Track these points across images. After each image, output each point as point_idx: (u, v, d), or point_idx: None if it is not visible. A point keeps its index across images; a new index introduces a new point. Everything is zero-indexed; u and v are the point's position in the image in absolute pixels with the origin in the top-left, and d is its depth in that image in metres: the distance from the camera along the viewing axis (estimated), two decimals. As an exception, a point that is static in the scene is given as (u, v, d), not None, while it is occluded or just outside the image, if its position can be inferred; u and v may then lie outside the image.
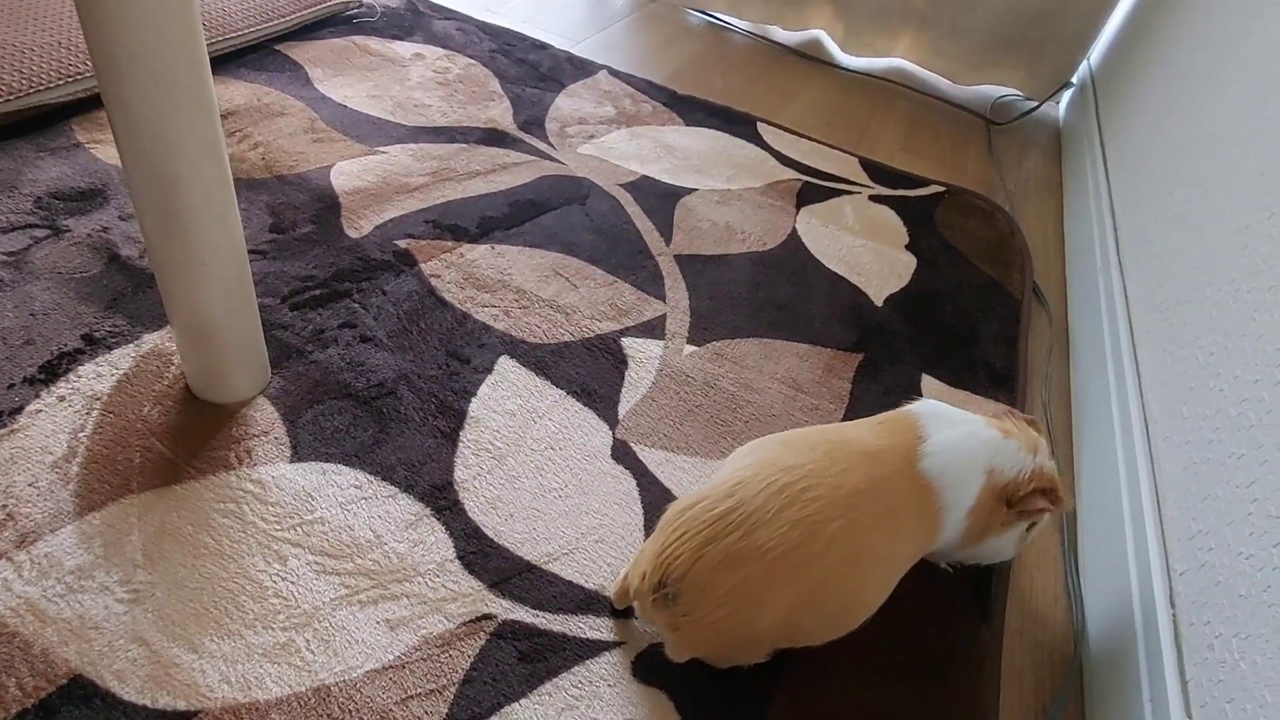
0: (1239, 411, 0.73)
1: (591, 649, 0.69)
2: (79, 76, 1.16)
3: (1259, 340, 0.74)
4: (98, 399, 0.78)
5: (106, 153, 1.10)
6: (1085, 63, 1.88)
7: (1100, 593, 0.82)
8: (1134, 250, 1.17)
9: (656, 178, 1.34)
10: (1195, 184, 1.05)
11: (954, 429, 0.72)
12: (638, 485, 0.83)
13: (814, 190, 1.42)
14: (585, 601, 0.72)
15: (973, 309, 1.22)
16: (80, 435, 0.75)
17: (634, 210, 1.25)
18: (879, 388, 1.03)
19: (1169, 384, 0.89)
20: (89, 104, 1.18)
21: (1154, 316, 1.01)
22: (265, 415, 0.81)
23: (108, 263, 0.93)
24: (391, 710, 0.61)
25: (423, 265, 1.03)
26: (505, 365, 0.92)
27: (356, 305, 0.95)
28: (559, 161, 1.32)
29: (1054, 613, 0.83)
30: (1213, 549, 0.68)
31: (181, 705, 0.59)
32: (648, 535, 0.78)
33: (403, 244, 1.06)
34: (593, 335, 0.99)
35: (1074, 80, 1.87)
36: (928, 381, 1.06)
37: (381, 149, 1.24)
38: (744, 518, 0.61)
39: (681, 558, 0.61)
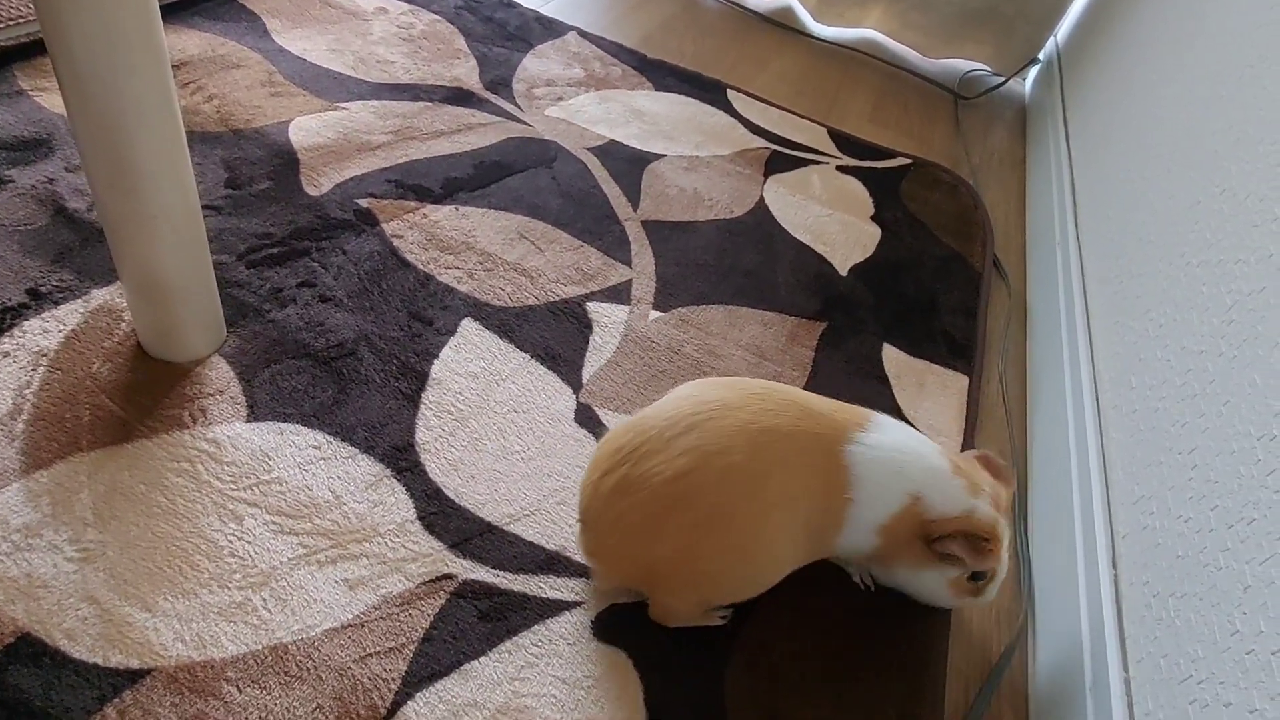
0: (1184, 381, 0.75)
1: (552, 608, 0.69)
2: (21, 20, 1.11)
3: (1205, 313, 0.77)
4: (44, 355, 0.76)
5: (52, 101, 1.06)
6: (1052, 40, 1.90)
7: (1048, 554, 0.84)
8: (1092, 225, 1.19)
9: (625, 142, 1.33)
10: (1152, 161, 1.07)
11: (901, 439, 0.69)
12: (600, 449, 0.83)
13: (782, 159, 1.42)
14: (546, 562, 0.72)
15: (934, 280, 1.24)
16: (26, 392, 0.73)
17: (601, 175, 1.24)
18: (841, 356, 1.04)
19: (1120, 355, 0.91)
20: (33, 49, 1.13)
21: (1108, 290, 1.03)
22: (220, 374, 0.79)
23: (54, 215, 0.90)
24: (350, 668, 0.61)
25: (385, 225, 1.01)
26: (469, 328, 0.91)
27: (316, 264, 0.93)
28: (526, 123, 1.30)
29: (1003, 575, 0.86)
30: (1154, 513, 0.71)
31: (134, 663, 0.58)
32: (609, 498, 0.79)
33: (364, 203, 1.04)
34: (558, 299, 0.99)
35: (1040, 57, 1.89)
36: (888, 350, 1.08)
37: (342, 105, 1.21)
38: (636, 447, 0.64)
39: (586, 490, 0.66)
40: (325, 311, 0.88)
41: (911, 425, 0.96)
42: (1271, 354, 0.64)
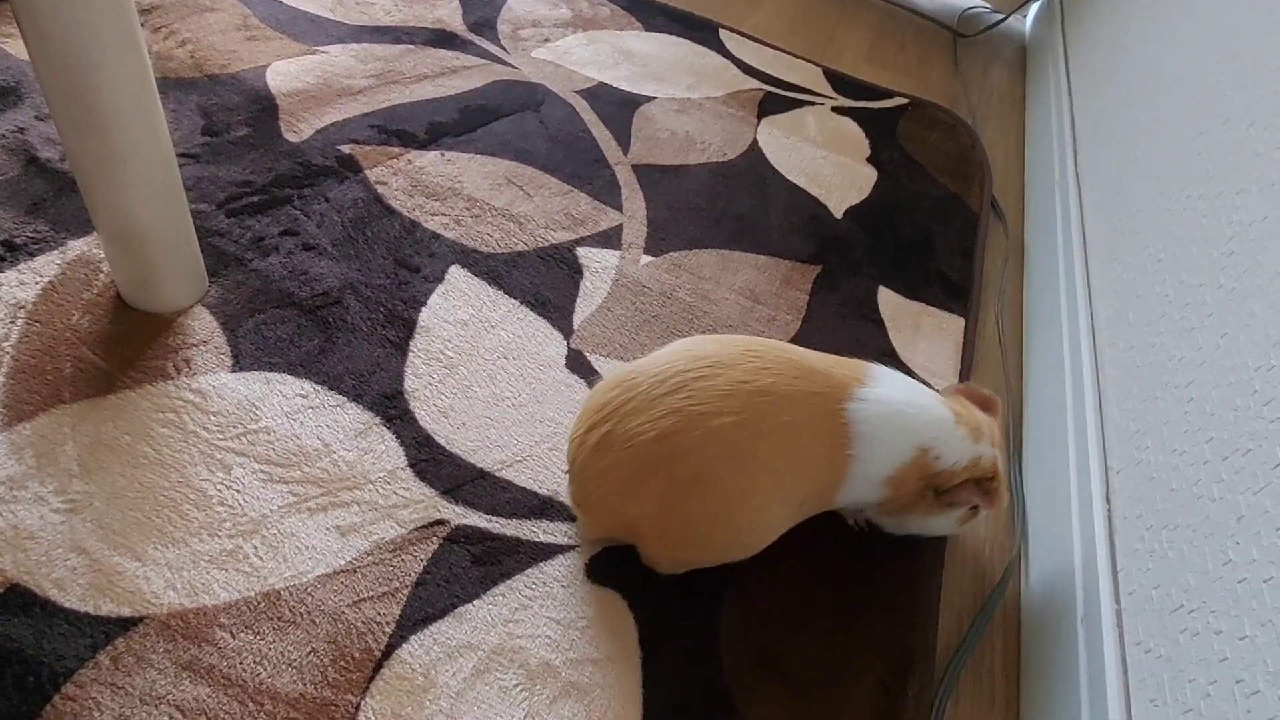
0: (1182, 315, 0.74)
1: (545, 552, 0.69)
2: (-18, -38, 1.07)
3: (1205, 245, 0.75)
4: (22, 308, 0.74)
5: (19, 48, 1.02)
6: (1053, -27, 1.84)
7: (1041, 490, 0.84)
8: (1092, 163, 1.17)
9: (614, 85, 1.29)
10: (1154, 95, 1.04)
11: (903, 391, 0.68)
12: (592, 394, 0.82)
13: (776, 100, 1.39)
14: (539, 507, 0.72)
15: (931, 222, 1.22)
16: (5, 345, 0.71)
17: (590, 118, 1.20)
18: (836, 299, 1.03)
19: (1118, 291, 0.90)
20: (-4, -6, 1.08)
21: (1107, 227, 1.01)
22: (204, 324, 0.78)
23: (26, 165, 0.87)
24: (344, 612, 0.61)
25: (368, 171, 0.99)
26: (456, 274, 0.90)
27: (298, 212, 0.91)
28: (512, 66, 1.26)
29: (997, 511, 0.86)
30: (1149, 447, 0.71)
31: (126, 611, 0.58)
32: (602, 443, 0.78)
33: (346, 149, 1.01)
34: (547, 245, 0.97)
35: (1041, -9, 1.84)
36: (884, 293, 1.06)
37: (321, 48, 1.17)
38: (623, 404, 0.62)
39: (573, 443, 0.65)
40: (309, 260, 0.86)
41: (909, 371, 0.96)
42: (1271, 284, 0.63)
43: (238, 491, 0.66)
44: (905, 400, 0.67)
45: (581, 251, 0.98)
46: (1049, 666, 0.69)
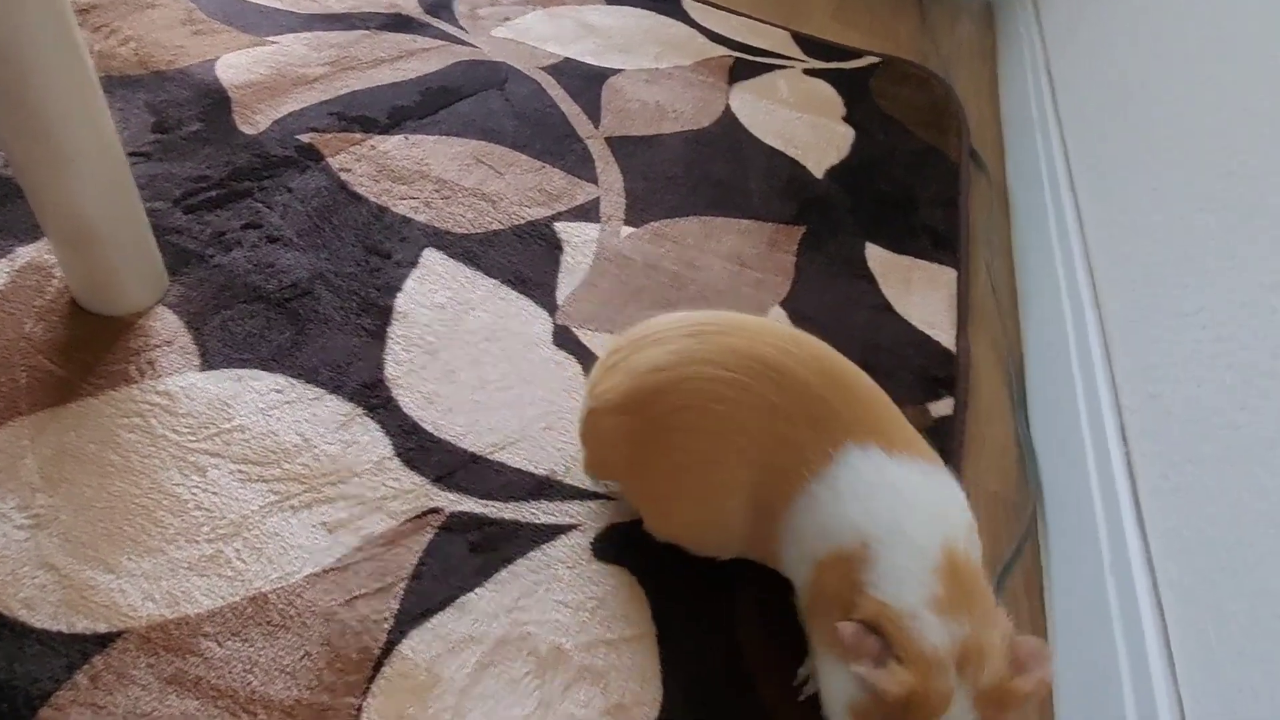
0: (1183, 242, 0.72)
1: (547, 533, 0.66)
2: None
3: (1201, 168, 0.73)
4: (-31, 319, 0.70)
5: (-50, 53, 0.96)
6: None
7: (1051, 439, 0.82)
8: (1071, 103, 1.14)
9: (579, 59, 1.25)
10: (1135, 26, 1.02)
11: (915, 484, 0.53)
12: (583, 370, 0.79)
13: (746, 66, 1.35)
14: (537, 488, 0.69)
15: (912, 176, 1.19)
16: (-47, 359, 0.67)
17: (558, 93, 1.17)
18: (823, 258, 1.00)
19: (1111, 227, 0.88)
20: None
21: (1093, 165, 0.99)
22: (167, 325, 0.73)
23: (-35, 173, 0.82)
24: (337, 612, 0.58)
25: (330, 159, 0.95)
26: (430, 257, 0.86)
27: (259, 204, 0.87)
28: (472, 45, 1.22)
29: (1005, 464, 0.83)
30: (1162, 381, 0.68)
31: (103, 627, 0.54)
32: (596, 419, 0.75)
33: (305, 138, 0.97)
34: (523, 222, 0.93)
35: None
36: (871, 249, 1.04)
37: (271, 39, 1.12)
38: (646, 336, 0.61)
39: (595, 368, 0.64)
40: (274, 252, 0.82)
41: (907, 325, 0.93)
42: (1278, 197, 0.60)
43: (214, 494, 0.62)
44: (899, 488, 0.53)
45: (560, 226, 0.94)
46: (1079, 622, 0.66)
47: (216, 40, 1.10)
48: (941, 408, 0.85)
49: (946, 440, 0.81)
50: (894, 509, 0.51)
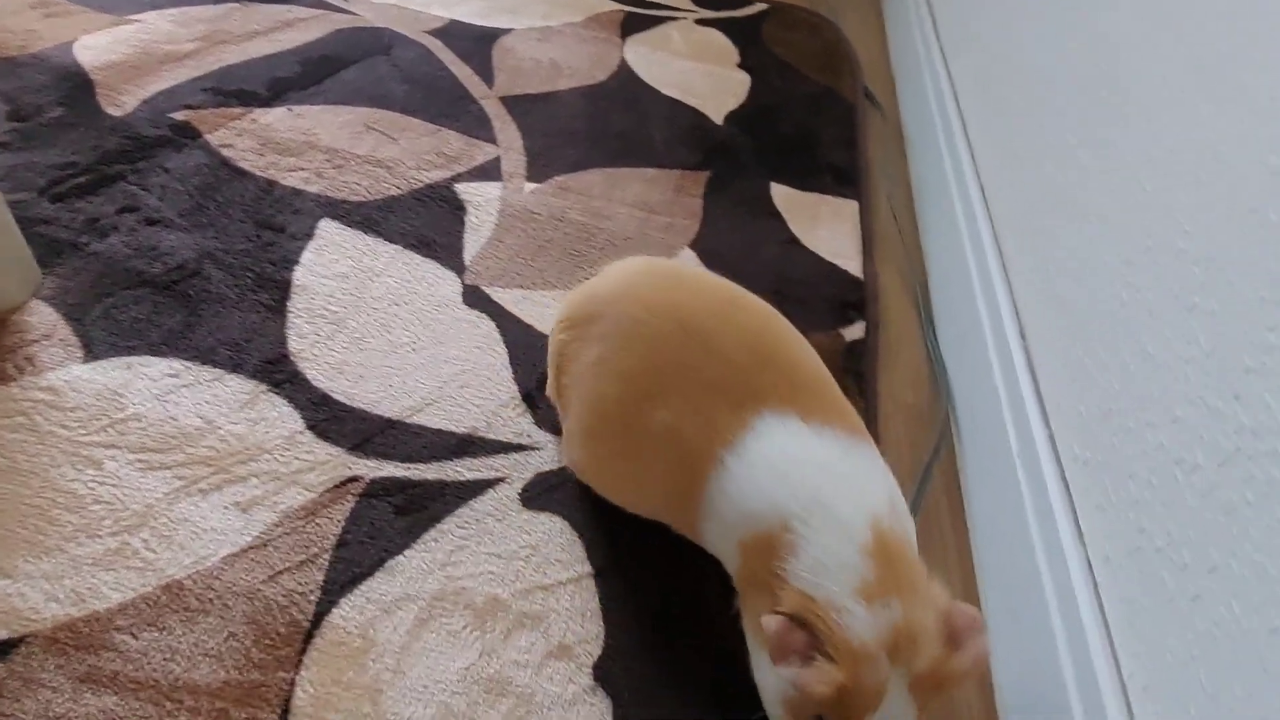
0: (1063, 141, 0.75)
1: (472, 489, 0.65)
2: None
3: (1074, 67, 0.76)
4: None
5: None
6: None
7: (958, 349, 0.85)
8: (954, 39, 1.18)
9: (466, 21, 1.22)
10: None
11: (834, 459, 0.50)
12: (497, 326, 0.78)
13: (638, 20, 1.34)
14: (458, 446, 0.67)
15: (810, 117, 1.21)
16: None
17: (447, 56, 1.13)
18: (729, 200, 1.01)
19: (998, 142, 0.91)
20: None
21: (977, 91, 1.03)
22: (43, 318, 0.69)
23: None
24: (259, 589, 0.56)
25: (208, 136, 0.90)
26: (327, 228, 0.83)
27: (134, 187, 0.82)
28: (351, 13, 1.17)
29: (918, 378, 0.86)
30: (1054, 276, 0.71)
31: (2, 634, 0.51)
32: (514, 374, 0.74)
33: (179, 116, 0.91)
34: (422, 185, 0.91)
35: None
36: (777, 189, 1.05)
37: (133, 17, 1.05)
38: (625, 275, 0.61)
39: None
40: (155, 234, 0.78)
41: (814, 256, 0.94)
42: (1146, 85, 0.63)
43: (113, 486, 0.59)
44: (819, 462, 0.50)
45: (460, 188, 0.92)
46: (995, 507, 0.69)
47: (72, 22, 1.02)
48: (854, 331, 0.87)
49: (861, 361, 0.84)
50: (815, 485, 0.48)
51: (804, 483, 0.48)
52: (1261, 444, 0.43)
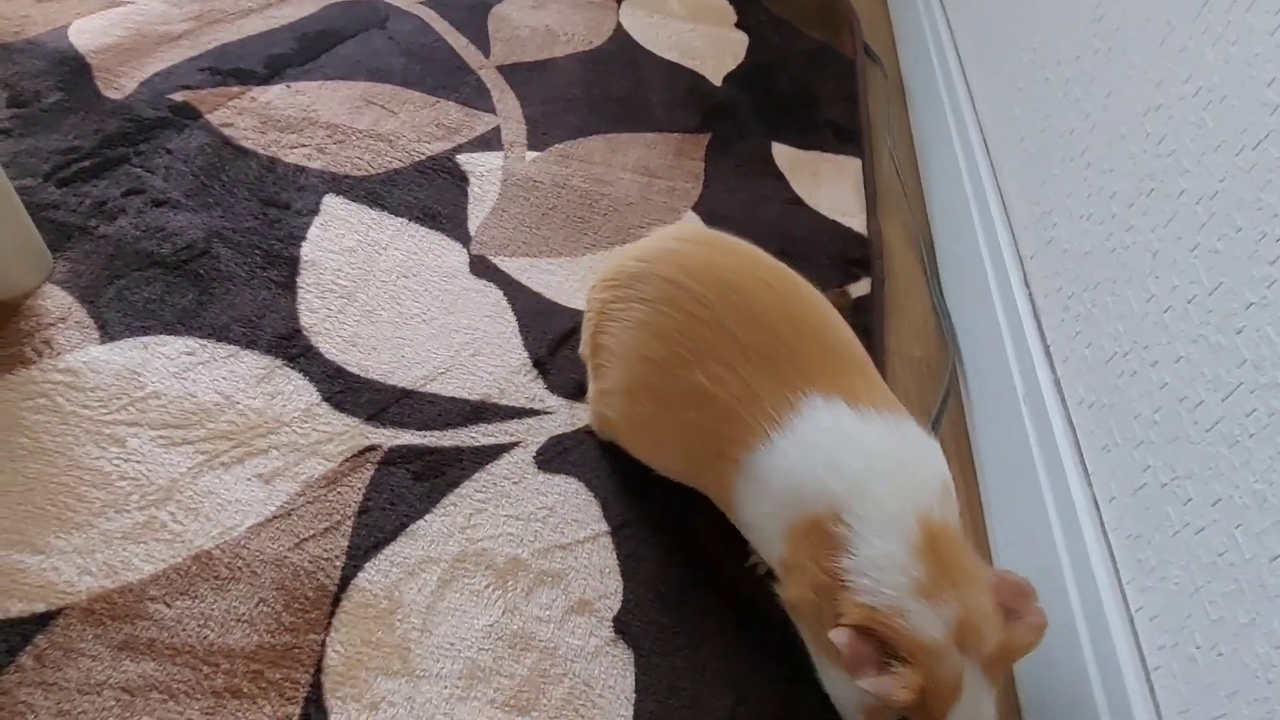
0: (1065, 92, 0.75)
1: (488, 454, 0.66)
2: None
3: (1071, 20, 0.75)
4: None
5: None
6: None
7: (964, 299, 0.85)
8: (952, -17, 1.16)
9: (459, -10, 1.21)
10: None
11: (880, 442, 0.50)
12: (505, 295, 0.78)
13: (632, -18, 1.33)
14: (472, 413, 0.68)
15: (809, 74, 1.20)
16: None
17: (442, 27, 1.13)
18: (731, 161, 1.01)
19: (999, 94, 0.91)
20: None
21: (979, 44, 1.02)
22: (58, 302, 0.70)
23: None
24: (286, 556, 0.57)
25: (209, 116, 0.90)
26: (332, 204, 0.83)
27: (139, 170, 0.82)
28: (344, -14, 1.16)
29: (925, 330, 0.87)
30: (1056, 224, 0.72)
31: (40, 608, 0.52)
32: (524, 341, 0.75)
33: (178, 97, 0.91)
34: (424, 158, 0.91)
35: None
36: (778, 148, 1.04)
37: (125, -1, 1.05)
38: (678, 236, 0.62)
39: None
40: (163, 215, 0.78)
41: (817, 215, 0.94)
42: (1146, 29, 0.63)
43: (138, 462, 0.60)
44: (868, 450, 0.49)
45: (462, 159, 0.92)
46: (1002, 454, 0.70)
47: (64, 6, 1.02)
48: (860, 288, 0.87)
49: (868, 317, 0.84)
50: (864, 477, 0.48)
51: (854, 473, 0.48)
52: (1263, 376, 0.43)
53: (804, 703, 0.56)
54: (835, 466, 0.48)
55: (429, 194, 0.87)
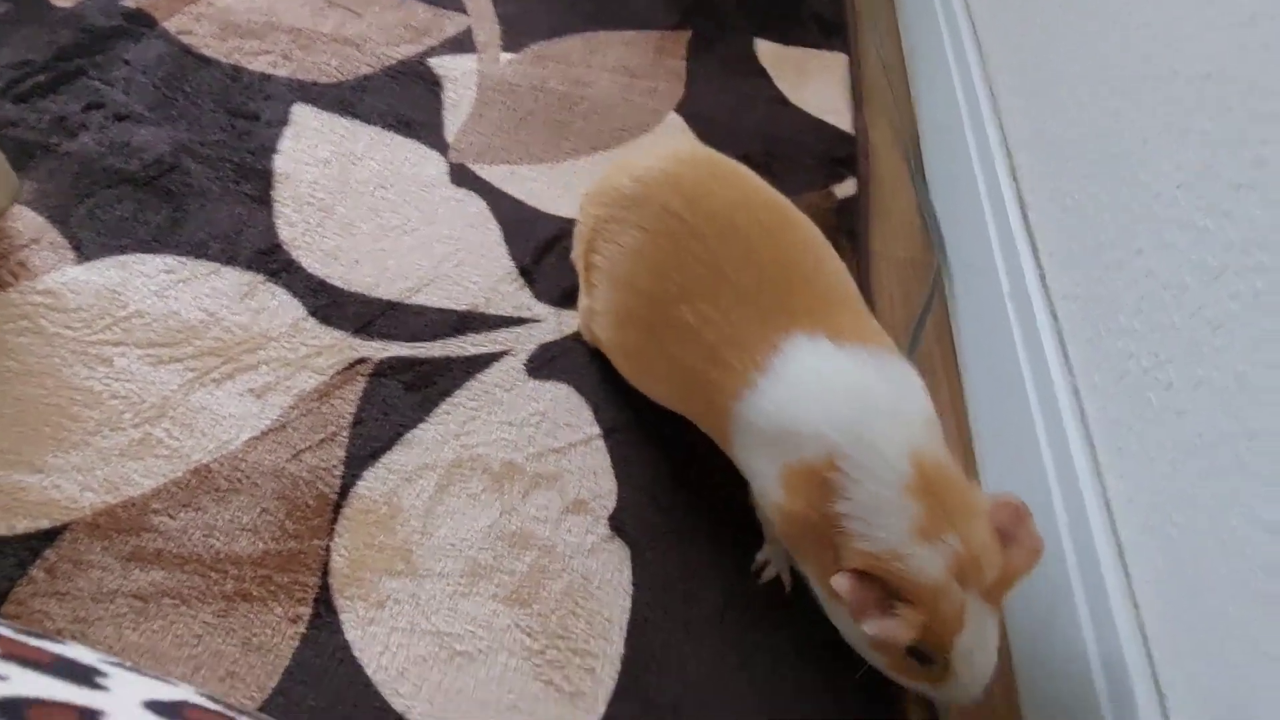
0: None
1: (479, 363, 0.66)
2: None
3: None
4: None
5: None
6: None
7: (950, 194, 0.85)
8: None
9: (421, -121, 1.14)
10: None
11: (872, 379, 0.49)
12: (487, 204, 0.77)
13: None
14: (460, 323, 0.68)
15: (793, -35, 1.15)
16: None
17: (405, -80, 1.06)
18: (714, 59, 0.98)
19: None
20: None
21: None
22: (28, 223, 0.68)
23: None
24: (285, 467, 0.58)
25: (166, 23, 0.86)
26: (302, 113, 0.80)
27: (97, 82, 0.79)
28: (298, -123, 1.09)
29: (911, 231, 0.86)
30: (1046, 111, 0.70)
31: (44, 524, 0.53)
32: (509, 250, 0.74)
33: (131, 3, 0.87)
34: (395, 62, 0.87)
35: None
36: (761, 45, 1.01)
37: (63, -105, 0.98)
38: (674, 155, 0.60)
39: None
40: (126, 130, 0.75)
41: (802, 113, 0.92)
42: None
43: (128, 381, 0.60)
44: (856, 389, 0.49)
45: (434, 62, 0.88)
46: (986, 352, 0.71)
47: (-3, -95, 0.95)
48: (846, 188, 0.86)
49: (853, 219, 0.83)
50: (855, 417, 0.47)
51: (844, 417, 0.47)
52: (1249, 258, 0.44)
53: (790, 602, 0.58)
54: (825, 409, 0.48)
55: (402, 101, 0.84)
